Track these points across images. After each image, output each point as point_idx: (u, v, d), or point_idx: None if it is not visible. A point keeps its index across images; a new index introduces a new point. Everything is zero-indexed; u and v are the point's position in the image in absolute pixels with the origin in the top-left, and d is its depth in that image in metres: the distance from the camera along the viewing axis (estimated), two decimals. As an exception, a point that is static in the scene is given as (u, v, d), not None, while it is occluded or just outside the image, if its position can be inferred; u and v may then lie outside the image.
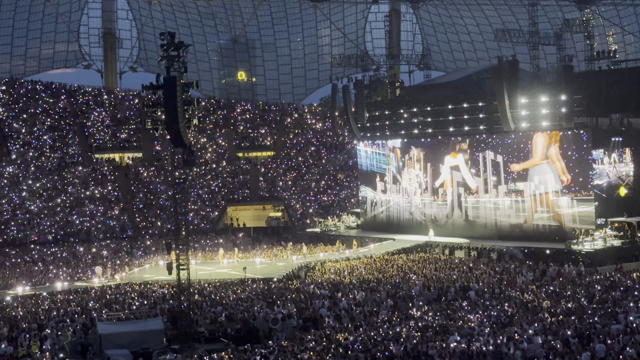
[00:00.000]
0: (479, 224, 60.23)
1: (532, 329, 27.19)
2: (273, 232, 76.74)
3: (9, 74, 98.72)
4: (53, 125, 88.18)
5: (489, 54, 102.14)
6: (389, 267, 49.00)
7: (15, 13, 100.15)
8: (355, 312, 35.89)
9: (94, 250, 66.28)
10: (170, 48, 34.69)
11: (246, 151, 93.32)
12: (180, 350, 31.59)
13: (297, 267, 52.75)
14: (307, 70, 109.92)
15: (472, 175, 60.82)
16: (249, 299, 40.30)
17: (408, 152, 66.56)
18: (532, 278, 43.05)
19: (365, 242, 63.32)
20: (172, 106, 34.01)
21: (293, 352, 26.86)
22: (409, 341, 26.64)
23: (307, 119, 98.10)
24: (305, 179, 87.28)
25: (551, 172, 55.38)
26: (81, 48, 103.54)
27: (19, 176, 79.72)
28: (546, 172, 55.75)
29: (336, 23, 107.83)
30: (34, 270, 55.56)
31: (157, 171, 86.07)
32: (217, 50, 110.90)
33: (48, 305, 40.77)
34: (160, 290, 44.57)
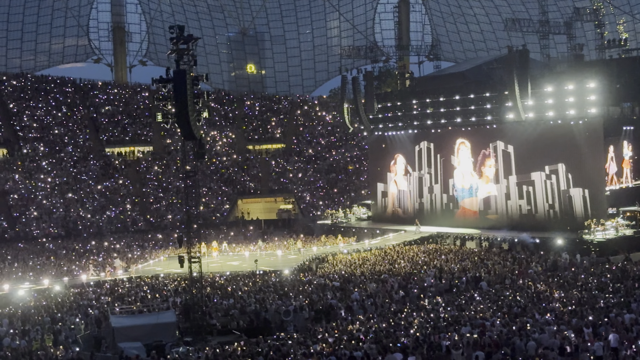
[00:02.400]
0: (490, 215, 60.15)
1: (545, 319, 27.13)
2: (284, 225, 76.79)
3: (20, 68, 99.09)
4: (64, 119, 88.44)
5: (499, 44, 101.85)
6: (400, 259, 48.97)
7: (25, 8, 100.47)
8: (367, 303, 35.90)
9: (106, 244, 66.47)
10: (180, 41, 34.65)
11: (256, 144, 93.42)
12: (193, 343, 31.65)
13: (308, 259, 52.77)
14: (317, 62, 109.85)
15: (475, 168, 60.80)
16: (260, 291, 40.36)
17: (418, 143, 66.41)
18: (543, 268, 42.93)
19: (376, 233, 63.30)
20: (182, 99, 34.00)
21: (305, 344, 26.90)
22: (421, 332, 26.64)
23: (317, 111, 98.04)
24: (316, 171, 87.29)
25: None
26: (91, 42, 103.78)
27: (30, 170, 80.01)
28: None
29: (345, 14, 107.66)
30: (46, 264, 55.76)
31: (167, 164, 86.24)
32: (226, 43, 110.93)
33: (61, 299, 40.94)
34: (172, 283, 44.69)
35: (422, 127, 66.18)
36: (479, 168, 60.93)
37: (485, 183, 60.56)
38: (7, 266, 55.47)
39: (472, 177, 61.67)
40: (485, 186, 60.59)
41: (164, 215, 78.80)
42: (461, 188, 62.58)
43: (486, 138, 60.66)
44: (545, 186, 56.55)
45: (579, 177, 54.58)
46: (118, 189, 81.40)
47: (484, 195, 60.61)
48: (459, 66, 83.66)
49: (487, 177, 60.36)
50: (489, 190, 60.28)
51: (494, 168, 59.79)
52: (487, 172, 60.29)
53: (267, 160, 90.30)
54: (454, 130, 63.27)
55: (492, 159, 59.80)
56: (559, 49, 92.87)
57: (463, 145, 62.07)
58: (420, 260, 47.88)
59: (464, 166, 62.25)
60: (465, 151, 61.99)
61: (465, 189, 62.35)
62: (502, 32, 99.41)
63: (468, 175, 62.03)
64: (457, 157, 62.75)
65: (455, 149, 62.76)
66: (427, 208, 65.83)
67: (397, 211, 68.22)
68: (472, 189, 61.60)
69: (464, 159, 62.16)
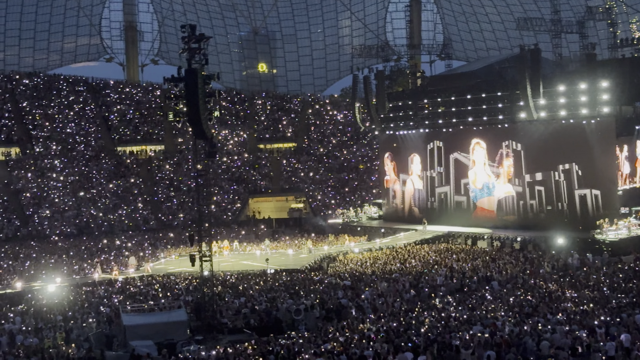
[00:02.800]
0: (501, 214, 60.02)
1: (556, 318, 27.06)
2: (295, 224, 76.82)
3: (32, 67, 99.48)
4: (76, 118, 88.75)
5: (510, 43, 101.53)
6: (411, 258, 48.93)
7: (38, 7, 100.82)
8: (378, 302, 35.88)
9: (118, 242, 66.65)
10: (191, 40, 34.74)
11: (267, 142, 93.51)
12: (204, 341, 31.73)
13: (319, 258, 52.79)
14: (328, 61, 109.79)
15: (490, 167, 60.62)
16: (271, 290, 40.40)
17: (430, 142, 66.32)
18: (554, 268, 42.80)
19: (388, 232, 63.26)
20: (193, 98, 34.08)
21: (316, 343, 26.92)
22: (432, 331, 26.61)
23: (328, 110, 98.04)
24: (327, 170, 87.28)
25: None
26: (103, 41, 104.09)
27: (42, 169, 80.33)
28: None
29: (357, 13, 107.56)
30: (59, 263, 55.97)
31: (179, 163, 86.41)
32: (237, 42, 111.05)
33: (73, 297, 41.11)
34: (183, 282, 44.79)
35: (433, 126, 66.08)
36: (496, 167, 60.64)
37: (502, 183, 60.26)
38: (20, 264, 55.74)
39: (487, 177, 61.43)
40: (502, 186, 60.27)
41: (175, 214, 78.98)
42: (474, 188, 62.39)
43: (498, 137, 60.49)
44: (556, 186, 56.35)
45: (591, 177, 54.37)
46: (130, 187, 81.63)
47: (502, 195, 60.34)
48: (471, 65, 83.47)
49: (504, 176, 60.07)
50: (506, 190, 59.99)
51: (512, 168, 59.51)
52: (505, 171, 59.98)
53: (278, 159, 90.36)
54: (465, 129, 63.12)
55: (511, 159, 59.49)
56: (571, 48, 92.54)
57: (478, 145, 61.81)
58: (431, 259, 47.82)
59: (478, 166, 62.02)
60: (481, 151, 61.74)
61: (478, 189, 62.15)
62: (514, 31, 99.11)
63: (483, 175, 61.77)
64: (472, 156, 62.51)
65: (470, 148, 62.49)
66: (438, 207, 65.71)
67: (413, 210, 68.08)
68: (488, 189, 61.38)
69: (479, 158, 61.90)
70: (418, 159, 67.62)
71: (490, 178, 61.14)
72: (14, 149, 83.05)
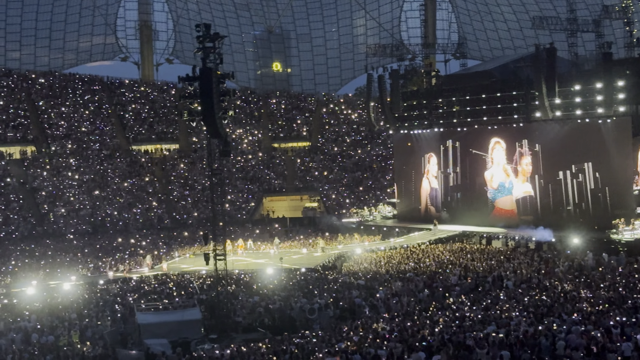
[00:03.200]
0: (519, 214, 59.78)
1: (571, 319, 26.90)
2: (309, 223, 76.81)
3: (48, 66, 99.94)
4: (91, 117, 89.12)
5: (526, 42, 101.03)
6: (425, 257, 48.81)
7: (54, 7, 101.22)
8: (392, 302, 35.83)
9: (132, 241, 66.89)
10: (206, 39, 34.79)
11: (282, 142, 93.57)
12: (218, 340, 31.80)
13: (333, 258, 52.77)
14: (342, 61, 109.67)
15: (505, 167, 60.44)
16: (285, 289, 40.41)
17: (444, 141, 66.16)
18: (570, 268, 42.57)
19: (402, 232, 63.16)
20: (208, 97, 34.14)
21: (330, 342, 26.90)
22: (446, 331, 26.54)
23: (343, 109, 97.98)
24: (341, 169, 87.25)
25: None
26: (118, 40, 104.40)
27: (58, 168, 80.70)
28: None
29: (371, 12, 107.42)
30: (74, 261, 56.23)
31: (193, 162, 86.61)
32: (252, 41, 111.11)
33: (88, 295, 41.27)
34: (197, 280, 44.88)
35: (448, 126, 65.92)
36: (514, 166, 60.35)
37: (521, 182, 59.98)
38: (35, 263, 56.01)
39: (505, 177, 61.13)
40: (520, 185, 59.97)
41: (190, 213, 79.16)
42: (491, 188, 62.14)
43: (513, 137, 60.26)
44: (572, 185, 56.08)
45: (606, 176, 54.07)
46: (144, 186, 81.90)
47: (520, 195, 60.08)
48: (486, 64, 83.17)
49: (523, 175, 59.80)
50: (524, 189, 59.74)
51: (530, 166, 59.25)
52: (523, 170, 59.70)
53: (292, 158, 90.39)
54: (480, 129, 62.93)
55: (529, 157, 59.23)
56: (587, 47, 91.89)
57: (499, 144, 61.43)
58: (445, 259, 47.69)
59: (496, 165, 61.73)
60: (500, 150, 61.40)
61: (494, 189, 61.93)
62: (529, 30, 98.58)
63: (500, 174, 61.49)
64: (491, 155, 62.20)
65: (490, 148, 62.15)
66: (452, 206, 65.55)
67: (430, 209, 67.95)
68: (505, 188, 61.14)
69: (498, 158, 61.56)
70: (433, 159, 67.47)
71: (509, 177, 60.80)
72: (29, 147, 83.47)
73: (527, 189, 59.60)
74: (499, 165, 61.63)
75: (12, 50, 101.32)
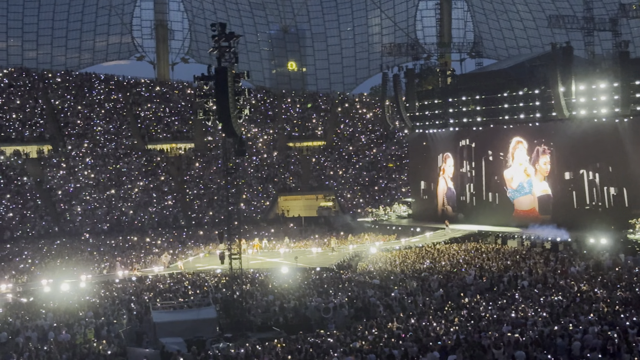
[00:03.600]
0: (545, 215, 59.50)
1: (587, 319, 26.76)
2: (324, 222, 76.81)
3: (64, 66, 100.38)
4: (107, 116, 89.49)
5: (542, 41, 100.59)
6: (440, 257, 48.72)
7: (70, 6, 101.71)
8: (407, 301, 35.78)
9: (147, 240, 67.12)
10: (221, 39, 34.84)
11: (297, 141, 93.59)
12: (233, 339, 31.84)
13: (348, 257, 52.77)
14: (358, 60, 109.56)
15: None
16: (300, 288, 40.44)
17: (459, 141, 66.01)
18: (586, 268, 42.36)
19: (416, 232, 63.08)
20: (223, 97, 34.20)
21: (345, 342, 26.89)
22: (462, 331, 26.47)
23: (358, 109, 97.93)
24: (356, 169, 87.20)
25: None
26: (134, 40, 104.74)
27: (74, 167, 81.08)
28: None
29: (387, 12, 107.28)
30: (89, 260, 56.49)
31: (208, 161, 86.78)
32: (267, 41, 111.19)
33: (103, 294, 41.45)
34: (212, 279, 44.98)
35: (463, 125, 65.77)
36: (533, 166, 60.09)
37: (539, 181, 59.72)
38: (51, 261, 56.31)
39: (525, 176, 60.89)
40: (539, 184, 59.71)
41: (205, 212, 79.33)
42: (510, 188, 61.95)
43: (529, 136, 60.05)
44: (588, 185, 55.81)
45: (624, 176, 53.79)
46: (160, 185, 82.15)
47: (539, 194, 59.84)
48: (501, 63, 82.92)
49: (540, 175, 59.55)
50: (542, 189, 59.50)
51: (548, 165, 58.99)
52: (541, 169, 59.45)
53: (307, 157, 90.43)
54: (496, 128, 62.78)
55: (547, 156, 59.00)
56: (603, 46, 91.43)
57: (521, 144, 61.16)
58: (461, 258, 47.59)
59: (516, 165, 61.48)
60: (521, 150, 61.14)
61: (513, 189, 61.73)
62: (545, 29, 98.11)
63: (520, 174, 61.25)
64: (510, 155, 61.96)
65: (510, 147, 61.89)
66: (468, 206, 65.41)
67: (447, 209, 67.85)
68: (523, 188, 60.93)
69: (519, 157, 61.28)
70: (450, 159, 67.34)
71: (529, 177, 60.56)
72: (46, 146, 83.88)
73: (544, 189, 59.36)
74: (520, 165, 61.36)
75: (29, 50, 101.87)
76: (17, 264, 55.71)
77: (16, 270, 52.41)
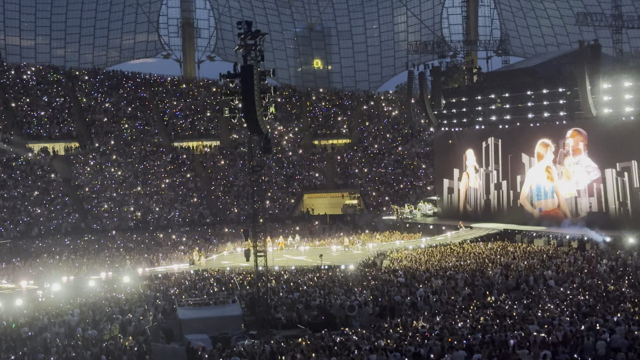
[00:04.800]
0: (560, 212, 59.18)
1: (615, 318, 26.55)
2: (350, 220, 76.78)
3: (92, 64, 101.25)
4: (134, 114, 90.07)
5: (569, 39, 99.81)
6: (466, 255, 48.54)
7: (98, 4, 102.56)
8: (432, 300, 35.68)
9: (174, 237, 67.47)
10: (247, 37, 34.87)
11: (322, 139, 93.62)
12: (258, 336, 31.91)
13: (373, 255, 52.72)
14: (383, 58, 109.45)
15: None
16: (325, 286, 40.46)
17: (485, 139, 65.69)
18: (613, 267, 42.00)
19: (442, 230, 62.92)
20: (249, 95, 34.24)
21: (369, 339, 26.88)
22: (488, 330, 26.37)
23: (383, 106, 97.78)
24: (382, 167, 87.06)
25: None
26: (160, 38, 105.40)
27: (101, 164, 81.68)
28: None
29: (412, 9, 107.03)
30: (116, 257, 56.90)
31: (234, 159, 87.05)
32: (293, 39, 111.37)
33: (130, 290, 41.74)
34: (238, 276, 45.14)
35: (489, 123, 65.44)
36: (560, 165, 59.65)
37: (566, 181, 59.25)
38: (78, 258, 56.80)
39: (547, 178, 60.52)
40: (566, 184, 59.24)
41: (230, 210, 79.59)
42: (532, 188, 61.60)
43: (556, 135, 59.63)
44: (616, 183, 55.33)
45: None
46: (186, 183, 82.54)
47: (564, 195, 59.40)
48: (528, 61, 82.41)
49: (566, 175, 59.11)
50: (569, 189, 59.04)
51: (574, 165, 58.55)
52: (566, 170, 59.00)
53: (332, 155, 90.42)
54: (522, 126, 62.40)
55: (573, 156, 58.54)
56: (632, 44, 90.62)
57: (544, 145, 60.76)
58: (486, 257, 47.37)
59: (540, 165, 61.07)
60: (546, 150, 60.74)
61: (536, 188, 61.39)
62: (573, 26, 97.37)
63: (542, 175, 60.89)
64: (535, 156, 61.54)
65: (535, 148, 61.51)
66: (493, 205, 65.11)
67: (466, 207, 67.62)
68: (545, 190, 60.57)
69: (544, 158, 60.88)
70: (473, 156, 67.04)
71: (553, 180, 60.08)
72: (73, 143, 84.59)
73: (570, 189, 58.90)
74: (542, 166, 60.96)
75: (57, 48, 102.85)
76: (45, 260, 56.24)
77: (43, 267, 52.92)
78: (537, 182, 61.39)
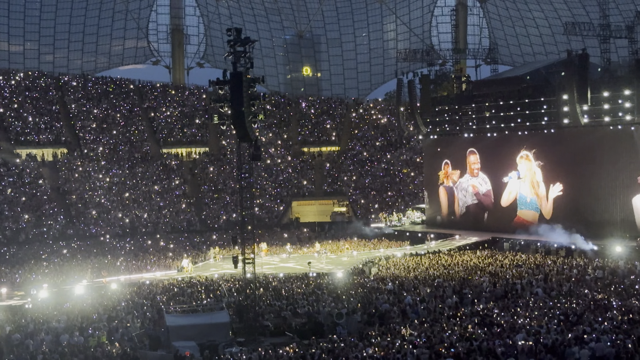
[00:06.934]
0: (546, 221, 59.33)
1: (602, 327, 26.62)
2: (338, 228, 76.75)
3: (81, 70, 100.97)
4: (122, 120, 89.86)
5: (558, 48, 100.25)
6: (454, 264, 48.60)
7: (87, 10, 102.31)
8: (420, 308, 35.69)
9: (162, 243, 67.28)
10: (237, 44, 34.94)
11: (311, 146, 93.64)
12: (246, 343, 31.88)
13: (361, 262, 52.73)
14: (372, 65, 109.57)
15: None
16: (313, 293, 40.42)
17: (474, 147, 65.87)
18: (601, 276, 42.14)
19: (430, 237, 62.98)
20: (238, 101, 34.30)
21: (357, 347, 26.86)
22: (475, 338, 26.38)
23: (372, 114, 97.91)
24: (370, 174, 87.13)
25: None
26: (150, 44, 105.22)
27: (89, 171, 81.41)
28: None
29: (402, 17, 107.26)
30: (104, 263, 56.69)
31: (223, 166, 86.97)
32: (282, 46, 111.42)
33: (117, 297, 41.58)
34: (225, 283, 45.04)
35: (477, 131, 65.63)
36: (543, 173, 59.90)
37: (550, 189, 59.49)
38: (66, 264, 56.55)
39: (530, 189, 60.78)
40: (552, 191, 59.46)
41: (219, 216, 79.45)
42: (518, 197, 61.82)
43: (543, 143, 59.85)
44: (603, 192, 55.52)
45: (637, 184, 53.47)
46: (174, 189, 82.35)
47: (547, 202, 59.61)
48: (517, 70, 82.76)
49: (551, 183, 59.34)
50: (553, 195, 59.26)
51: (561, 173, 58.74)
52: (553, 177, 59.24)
53: (321, 162, 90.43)
54: (510, 134, 62.62)
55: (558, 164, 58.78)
56: (620, 53, 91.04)
57: (526, 156, 61.00)
58: (474, 265, 47.45)
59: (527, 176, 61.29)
60: (527, 164, 61.00)
61: (519, 198, 61.63)
62: (561, 35, 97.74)
63: (526, 186, 61.13)
64: (520, 166, 61.77)
65: (517, 158, 61.76)
66: (481, 213, 65.23)
67: (454, 215, 67.75)
68: (528, 201, 60.83)
69: (528, 168, 61.12)
70: (461, 164, 67.21)
71: (536, 188, 60.33)
72: (61, 149, 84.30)
73: (556, 196, 59.11)
74: (525, 177, 61.21)
75: (46, 54, 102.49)
76: (32, 266, 55.97)
77: (30, 273, 52.66)
78: (521, 191, 61.58)
